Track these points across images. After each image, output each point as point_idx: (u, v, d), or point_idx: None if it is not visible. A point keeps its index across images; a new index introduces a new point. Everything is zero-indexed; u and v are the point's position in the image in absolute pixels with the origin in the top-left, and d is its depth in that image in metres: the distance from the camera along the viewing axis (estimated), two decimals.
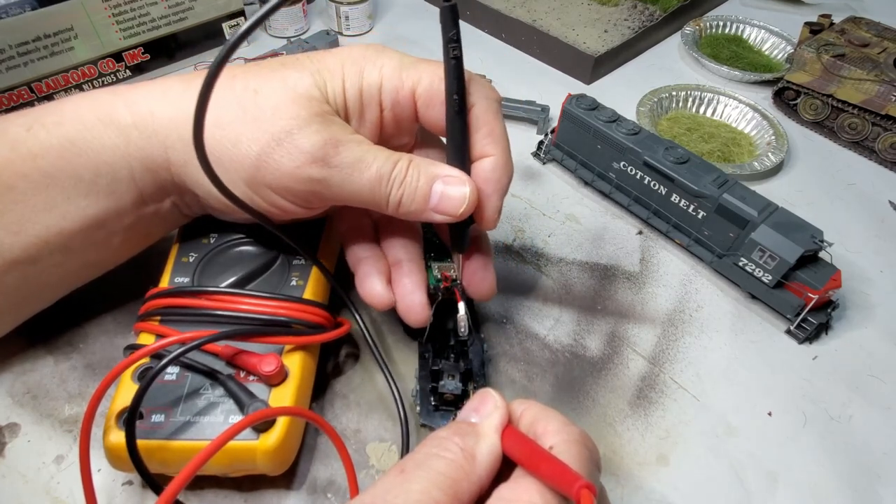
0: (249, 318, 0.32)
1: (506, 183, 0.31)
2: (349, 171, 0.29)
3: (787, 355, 0.42)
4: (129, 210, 0.33)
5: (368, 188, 0.30)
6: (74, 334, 0.39)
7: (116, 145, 0.30)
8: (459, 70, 0.29)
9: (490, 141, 0.31)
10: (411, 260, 0.35)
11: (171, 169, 0.31)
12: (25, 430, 0.34)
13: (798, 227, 0.41)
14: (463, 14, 0.73)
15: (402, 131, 0.33)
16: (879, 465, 0.36)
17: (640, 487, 0.34)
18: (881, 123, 0.56)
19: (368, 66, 0.31)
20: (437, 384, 0.34)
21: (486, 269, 0.35)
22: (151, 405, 0.30)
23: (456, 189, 0.30)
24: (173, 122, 0.31)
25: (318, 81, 0.30)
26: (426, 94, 0.31)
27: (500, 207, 0.32)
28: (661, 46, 0.72)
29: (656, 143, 0.46)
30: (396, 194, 0.30)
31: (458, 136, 0.30)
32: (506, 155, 0.31)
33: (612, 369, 0.40)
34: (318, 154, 0.28)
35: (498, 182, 0.31)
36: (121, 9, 0.55)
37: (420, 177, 0.30)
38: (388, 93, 0.31)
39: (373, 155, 0.30)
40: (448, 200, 0.30)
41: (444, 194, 0.30)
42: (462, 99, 0.29)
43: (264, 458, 0.29)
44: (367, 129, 0.32)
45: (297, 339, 0.32)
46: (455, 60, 0.28)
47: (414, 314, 0.33)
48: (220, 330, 0.30)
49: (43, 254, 0.31)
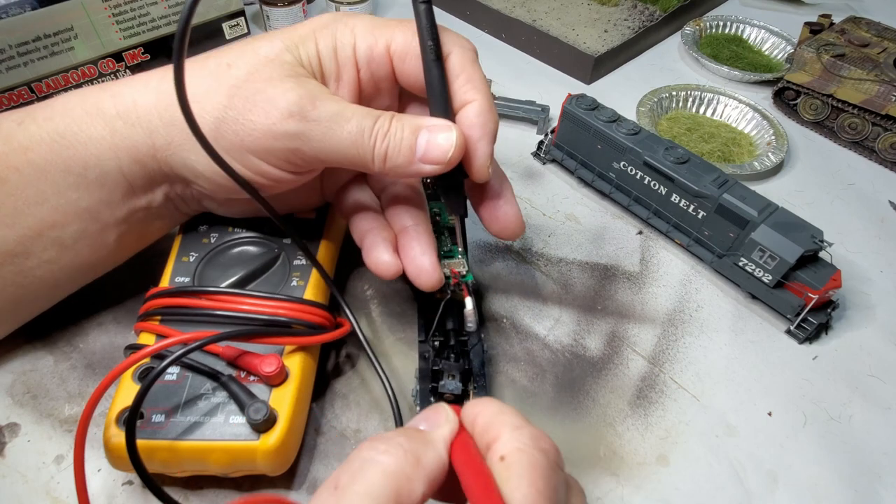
0: (250, 319, 0.32)
1: (492, 127, 0.31)
2: (328, 123, 0.29)
3: (787, 355, 0.42)
4: (120, 202, 0.33)
5: (350, 141, 0.29)
6: (74, 334, 0.39)
7: (103, 136, 0.31)
8: (431, 16, 0.29)
9: (470, 87, 0.30)
10: (417, 224, 0.34)
11: (157, 155, 0.31)
12: (25, 430, 0.34)
13: (798, 227, 0.41)
14: (463, 14, 0.73)
15: (381, 91, 0.33)
16: (879, 465, 0.36)
17: (640, 487, 0.34)
18: (881, 123, 0.56)
19: (340, 27, 0.31)
20: (436, 384, 0.34)
21: (508, 203, 0.34)
22: (152, 405, 0.30)
23: (442, 135, 0.29)
24: (155, 107, 0.31)
25: (290, 47, 0.30)
26: (401, 50, 0.31)
27: (490, 153, 0.31)
28: (661, 46, 0.72)
29: (656, 143, 0.47)
30: (381, 147, 0.29)
31: (437, 84, 0.30)
32: (488, 100, 0.31)
33: (612, 369, 0.40)
34: (294, 108, 0.28)
35: (484, 126, 0.30)
36: (121, 9, 0.55)
37: (405, 128, 0.29)
38: (362, 51, 0.31)
39: (352, 110, 0.29)
40: (435, 148, 0.29)
41: (431, 142, 0.29)
42: (437, 45, 0.29)
43: (264, 459, 0.29)
44: (346, 91, 0.32)
45: (297, 339, 0.32)
46: (425, 4, 0.28)
47: (425, 276, 0.33)
48: (221, 330, 0.30)
49: (37, 247, 0.31)
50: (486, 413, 0.22)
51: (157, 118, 0.31)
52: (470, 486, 0.19)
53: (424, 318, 0.37)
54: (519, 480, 0.19)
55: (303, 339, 0.32)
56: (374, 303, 0.42)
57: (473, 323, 0.34)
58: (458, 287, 0.35)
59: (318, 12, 0.73)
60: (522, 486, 0.19)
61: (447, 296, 0.35)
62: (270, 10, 0.67)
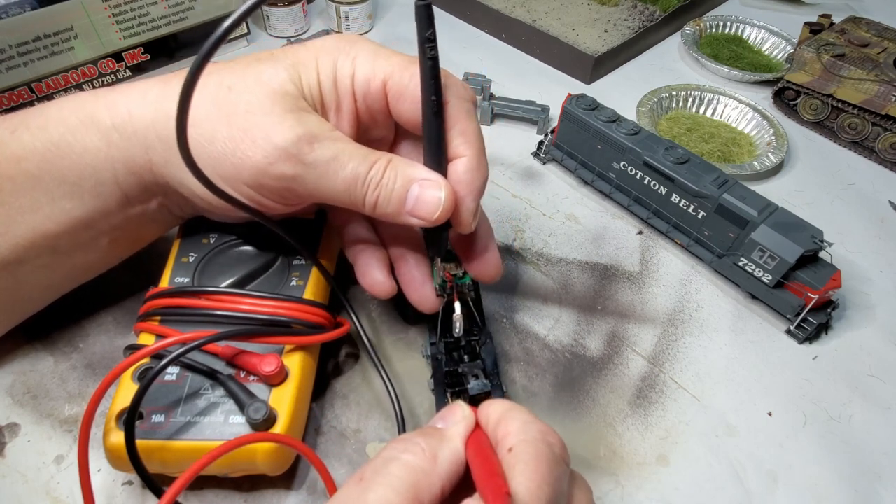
0: (249, 319, 0.32)
1: (480, 185, 0.31)
2: (324, 169, 0.29)
3: (787, 355, 0.42)
4: (115, 211, 0.32)
5: (343, 188, 0.29)
6: (74, 334, 0.39)
7: (98, 147, 0.30)
8: (436, 71, 0.28)
9: (462, 140, 0.30)
10: (414, 251, 0.35)
11: (154, 170, 0.31)
12: (25, 430, 0.34)
13: (798, 227, 0.41)
14: (463, 14, 0.73)
15: (377, 124, 0.33)
16: (879, 465, 0.36)
17: (640, 487, 0.34)
18: (881, 123, 0.56)
19: (342, 56, 0.31)
20: (457, 388, 0.34)
21: (491, 253, 0.34)
22: (152, 405, 0.30)
23: (431, 193, 0.29)
24: (153, 122, 0.30)
25: (293, 76, 0.30)
26: (396, 88, 0.30)
27: (476, 209, 0.31)
28: (661, 46, 0.72)
29: (656, 143, 0.46)
30: (372, 196, 0.30)
31: (434, 138, 0.30)
32: (479, 156, 0.31)
33: (612, 369, 0.40)
34: (292, 150, 0.28)
35: (471, 184, 0.30)
36: (121, 9, 0.55)
37: (397, 179, 0.29)
38: (360, 84, 0.31)
39: (349, 154, 0.29)
40: (423, 205, 0.29)
41: (420, 198, 0.29)
42: (439, 101, 0.29)
43: (264, 459, 0.29)
44: (345, 122, 0.32)
45: (297, 339, 0.32)
46: (431, 61, 0.28)
47: (428, 304, 0.35)
48: (221, 330, 0.30)
49: (30, 254, 0.31)
50: (498, 410, 0.24)
51: (155, 136, 0.30)
52: (478, 473, 0.21)
53: (433, 322, 0.37)
54: (524, 468, 0.20)
55: (302, 338, 0.32)
56: (374, 303, 0.42)
57: (459, 329, 0.34)
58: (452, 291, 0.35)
59: (317, 12, 0.73)
60: (527, 472, 0.20)
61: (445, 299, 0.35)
62: (270, 10, 0.67)
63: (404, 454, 0.21)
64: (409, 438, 0.22)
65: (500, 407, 0.24)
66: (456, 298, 0.34)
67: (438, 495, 0.21)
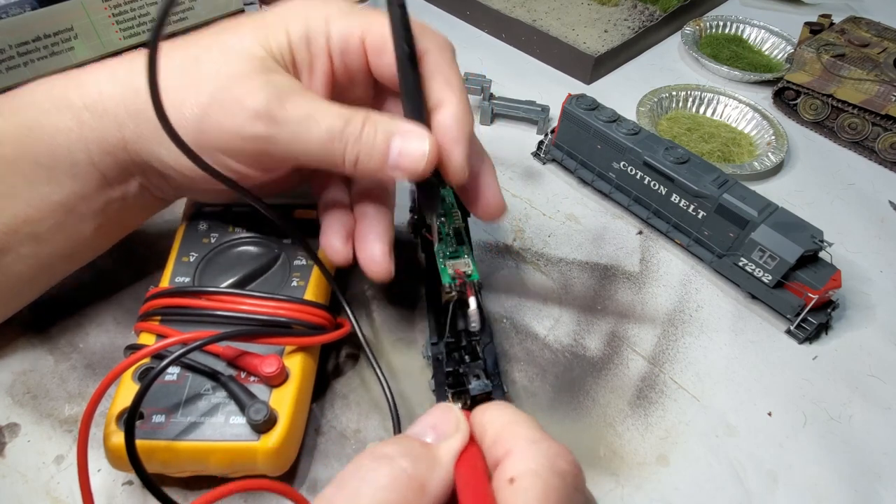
0: (250, 319, 0.32)
1: (467, 131, 0.30)
2: (297, 126, 0.28)
3: (787, 355, 0.42)
4: (94, 194, 0.32)
5: (320, 145, 0.28)
6: (75, 334, 0.39)
7: (70, 128, 0.30)
8: (405, 16, 0.27)
9: (446, 88, 0.29)
10: (378, 211, 0.34)
11: (128, 147, 0.31)
12: (25, 430, 0.34)
13: (798, 227, 0.41)
14: (463, 14, 0.73)
15: (355, 83, 0.32)
16: (879, 465, 0.36)
17: (640, 487, 0.34)
18: (881, 123, 0.56)
19: (313, 14, 0.30)
20: (458, 388, 0.34)
21: (489, 188, 0.33)
22: (152, 406, 0.30)
23: (415, 144, 0.28)
24: (122, 99, 0.30)
25: (261, 38, 0.29)
26: (377, 44, 0.30)
27: (465, 157, 0.30)
28: (661, 46, 0.72)
29: (656, 143, 0.47)
30: (352, 152, 0.29)
31: (411, 86, 0.29)
32: (464, 102, 0.30)
33: (612, 369, 0.40)
34: (262, 110, 0.28)
35: (459, 130, 0.29)
36: (121, 9, 0.55)
37: (377, 133, 0.28)
38: (336, 41, 0.30)
39: (323, 110, 0.28)
40: (408, 157, 0.28)
41: (403, 151, 0.28)
42: (411, 47, 0.28)
43: (265, 459, 0.29)
44: (319, 82, 0.31)
45: (297, 340, 0.32)
46: (400, 9, 0.27)
47: (374, 266, 0.32)
48: (221, 330, 0.30)
49: (12, 243, 0.31)
50: (497, 422, 0.20)
51: (125, 112, 0.30)
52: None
53: (434, 321, 0.37)
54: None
55: (303, 339, 0.32)
56: (374, 303, 0.42)
57: (477, 322, 0.34)
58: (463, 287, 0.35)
59: None
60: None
61: (454, 297, 0.35)
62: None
63: (383, 480, 0.17)
64: (391, 457, 0.18)
65: (500, 416, 0.20)
66: (471, 293, 0.34)
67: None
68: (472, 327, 0.34)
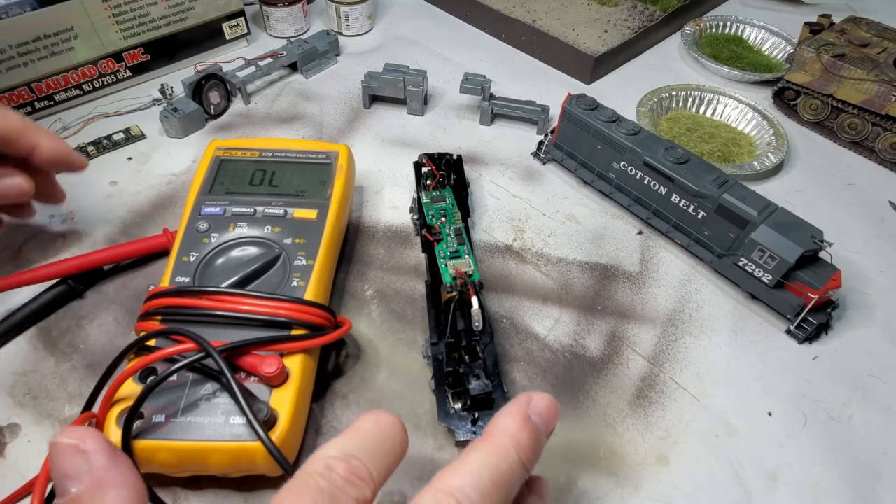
0: (250, 319, 0.32)
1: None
2: None
3: (787, 355, 0.42)
4: None
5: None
6: (75, 335, 0.39)
7: None
8: None
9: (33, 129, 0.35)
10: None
11: None
12: (25, 431, 0.34)
13: (798, 227, 0.41)
14: (463, 14, 0.73)
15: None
16: (879, 465, 0.36)
17: (640, 487, 0.34)
18: (881, 123, 0.56)
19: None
20: (458, 388, 0.34)
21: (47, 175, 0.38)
22: (152, 405, 0.30)
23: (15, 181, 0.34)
24: None
25: None
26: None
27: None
28: (661, 46, 0.72)
29: (656, 143, 0.47)
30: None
31: None
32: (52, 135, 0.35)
33: (612, 369, 0.40)
34: None
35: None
36: (121, 9, 0.55)
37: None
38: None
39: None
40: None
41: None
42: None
43: (265, 459, 0.29)
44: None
45: (301, 344, 0.32)
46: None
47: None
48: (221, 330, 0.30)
49: None
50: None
51: None
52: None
53: (435, 321, 0.37)
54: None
55: (305, 343, 0.32)
56: (374, 303, 0.42)
57: (479, 322, 0.34)
58: (464, 287, 0.35)
59: (317, 13, 0.73)
60: None
61: (455, 297, 0.35)
62: (270, 11, 0.67)
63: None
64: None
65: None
66: (473, 293, 0.34)
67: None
68: (475, 327, 0.34)
